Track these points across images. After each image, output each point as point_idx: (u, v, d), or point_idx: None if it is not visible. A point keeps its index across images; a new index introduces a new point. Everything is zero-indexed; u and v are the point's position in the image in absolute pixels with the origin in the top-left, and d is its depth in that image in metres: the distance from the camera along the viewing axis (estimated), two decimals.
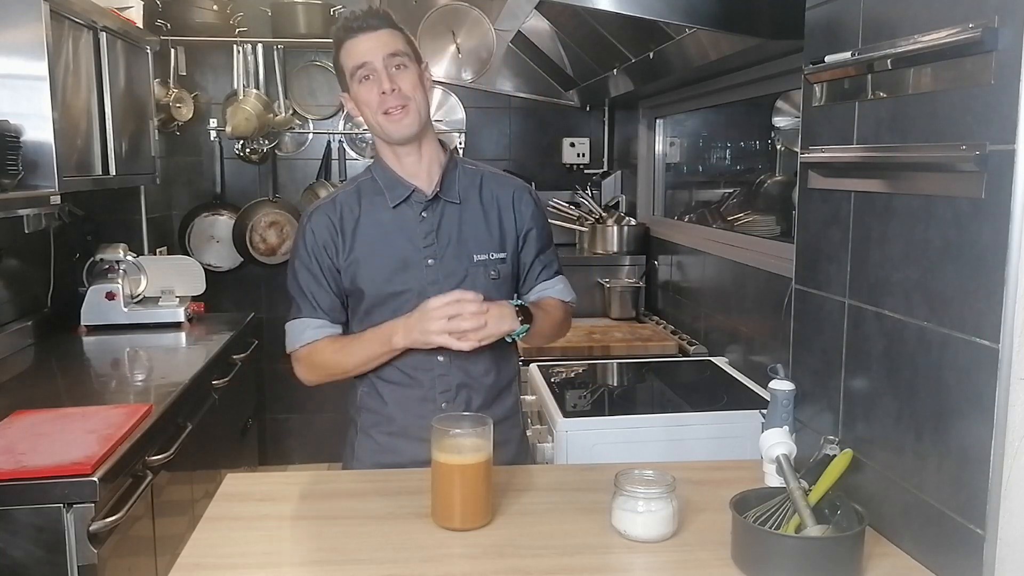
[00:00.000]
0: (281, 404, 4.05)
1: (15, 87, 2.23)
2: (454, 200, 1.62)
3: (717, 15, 1.87)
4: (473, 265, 1.61)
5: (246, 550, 1.27)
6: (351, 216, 1.62)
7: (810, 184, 1.47)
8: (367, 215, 1.62)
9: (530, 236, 1.68)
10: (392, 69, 1.53)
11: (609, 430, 2.12)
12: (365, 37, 1.53)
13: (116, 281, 2.96)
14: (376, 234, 1.61)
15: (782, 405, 1.48)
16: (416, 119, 1.55)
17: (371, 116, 1.56)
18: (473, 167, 1.70)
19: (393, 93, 1.52)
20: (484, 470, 1.32)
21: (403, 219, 1.61)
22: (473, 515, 1.32)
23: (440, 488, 1.33)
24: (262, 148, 3.82)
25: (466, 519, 1.32)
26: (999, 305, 1.02)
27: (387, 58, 1.52)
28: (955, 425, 1.10)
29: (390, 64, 1.53)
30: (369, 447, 1.67)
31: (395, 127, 1.55)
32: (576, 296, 1.78)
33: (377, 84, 1.53)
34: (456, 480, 1.31)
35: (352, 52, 1.54)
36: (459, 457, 1.30)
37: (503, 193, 1.67)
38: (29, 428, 1.85)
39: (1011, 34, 1.00)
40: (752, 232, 2.79)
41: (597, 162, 4.03)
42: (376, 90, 1.53)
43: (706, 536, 1.29)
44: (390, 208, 1.61)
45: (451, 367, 1.61)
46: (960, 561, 1.09)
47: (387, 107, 1.53)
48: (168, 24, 3.58)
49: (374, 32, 1.53)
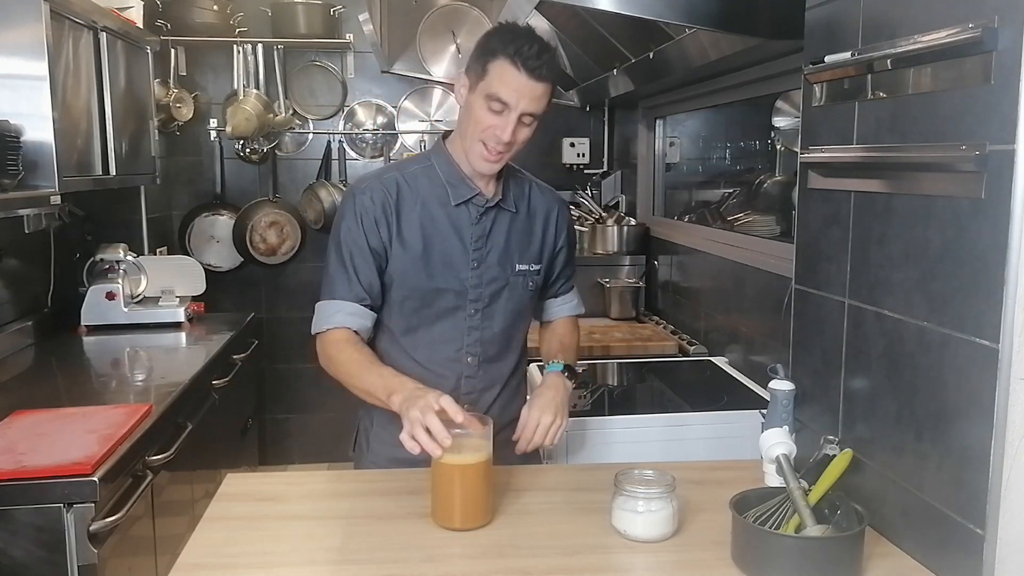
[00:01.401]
0: (281, 404, 4.05)
1: (15, 87, 2.23)
2: (510, 208, 1.63)
3: (717, 15, 1.87)
4: (515, 274, 1.63)
5: (246, 550, 1.27)
6: (408, 200, 1.58)
7: (810, 184, 1.47)
8: (425, 205, 1.58)
9: (561, 252, 1.74)
10: (524, 120, 1.48)
11: (609, 430, 2.12)
12: (526, 81, 1.44)
13: (116, 281, 2.96)
14: (430, 226, 1.58)
15: (782, 405, 1.49)
16: (504, 161, 1.54)
17: (472, 132, 1.50)
18: (521, 174, 1.70)
19: (506, 144, 1.49)
20: (484, 470, 1.32)
21: (459, 218, 1.60)
22: (473, 515, 1.32)
23: (440, 488, 1.33)
24: (262, 148, 3.82)
25: (466, 519, 1.32)
26: (999, 305, 1.02)
27: (524, 114, 1.47)
28: (955, 425, 1.10)
29: (524, 118, 1.48)
30: (387, 440, 1.61)
31: (484, 165, 1.52)
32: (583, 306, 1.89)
33: (501, 121, 1.47)
34: (456, 480, 1.31)
35: (503, 80, 1.45)
36: (459, 457, 1.30)
37: (545, 206, 1.70)
38: (29, 428, 1.85)
39: (1011, 34, 1.00)
40: (752, 232, 2.79)
41: (597, 162, 4.03)
42: (496, 122, 1.47)
43: (706, 536, 1.29)
44: (451, 205, 1.59)
45: (479, 370, 1.63)
46: (960, 561, 1.09)
47: (491, 147, 1.49)
48: (168, 24, 3.58)
49: (537, 83, 1.45)
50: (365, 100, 3.95)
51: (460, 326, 1.62)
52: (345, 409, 1.80)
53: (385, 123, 3.97)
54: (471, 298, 1.60)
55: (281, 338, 3.98)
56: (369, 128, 3.96)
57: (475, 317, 1.61)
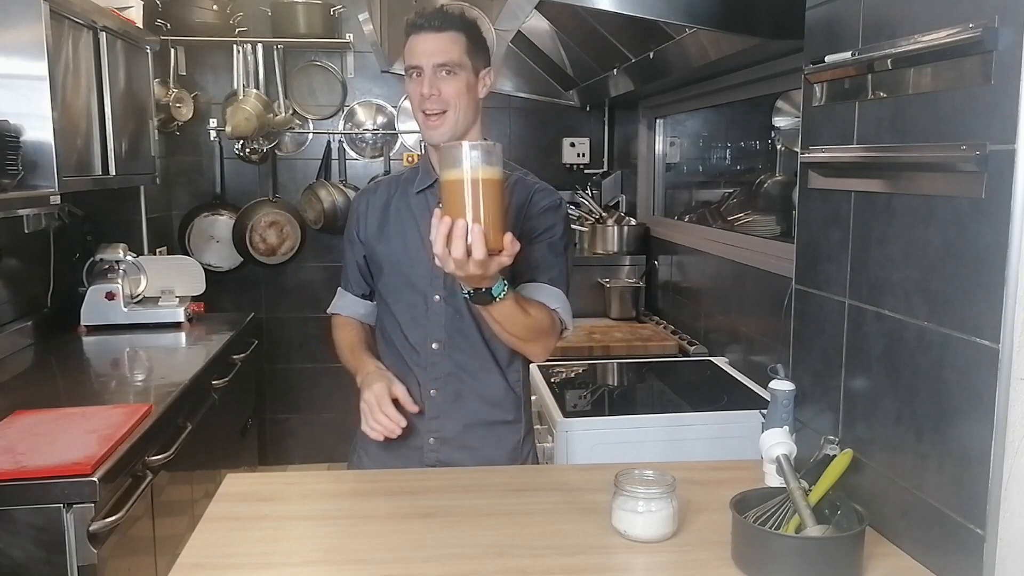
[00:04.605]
0: (281, 404, 4.05)
1: (15, 87, 2.23)
2: None
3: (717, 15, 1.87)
4: None
5: (246, 550, 1.26)
6: (385, 196, 1.71)
7: (810, 184, 1.47)
8: (398, 197, 1.70)
9: (537, 236, 1.59)
10: (441, 74, 1.54)
11: (609, 430, 2.12)
12: (424, 37, 1.55)
13: (116, 281, 2.96)
14: (396, 216, 1.67)
15: (782, 405, 1.48)
16: (451, 129, 1.56)
17: (415, 112, 1.61)
18: (511, 171, 1.67)
19: (431, 98, 1.54)
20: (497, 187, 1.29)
21: (425, 206, 1.64)
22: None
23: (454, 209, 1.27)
24: (262, 148, 3.82)
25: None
26: (999, 305, 1.01)
27: (436, 67, 1.54)
28: (955, 425, 1.10)
29: (439, 71, 1.54)
30: (379, 457, 1.69)
31: (430, 132, 1.58)
32: (572, 325, 1.62)
33: (421, 84, 1.55)
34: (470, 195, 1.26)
35: (409, 48, 1.57)
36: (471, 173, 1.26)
37: (523, 194, 1.63)
38: (29, 428, 1.85)
39: (1011, 34, 1.00)
40: (752, 232, 2.79)
41: (597, 162, 4.04)
42: (418, 90, 1.56)
43: (706, 536, 1.29)
44: (415, 193, 1.67)
45: (445, 358, 1.63)
46: (960, 561, 1.09)
47: (426, 108, 1.56)
48: (168, 24, 3.58)
49: (435, 33, 1.55)
50: (365, 100, 3.95)
51: (425, 311, 1.63)
52: (345, 409, 1.80)
53: (385, 123, 3.97)
54: (434, 284, 1.61)
55: (281, 338, 3.98)
56: (369, 128, 3.96)
57: (439, 304, 1.62)
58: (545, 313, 1.54)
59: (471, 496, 1.46)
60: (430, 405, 1.63)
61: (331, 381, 3.85)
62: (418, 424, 1.63)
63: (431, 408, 1.64)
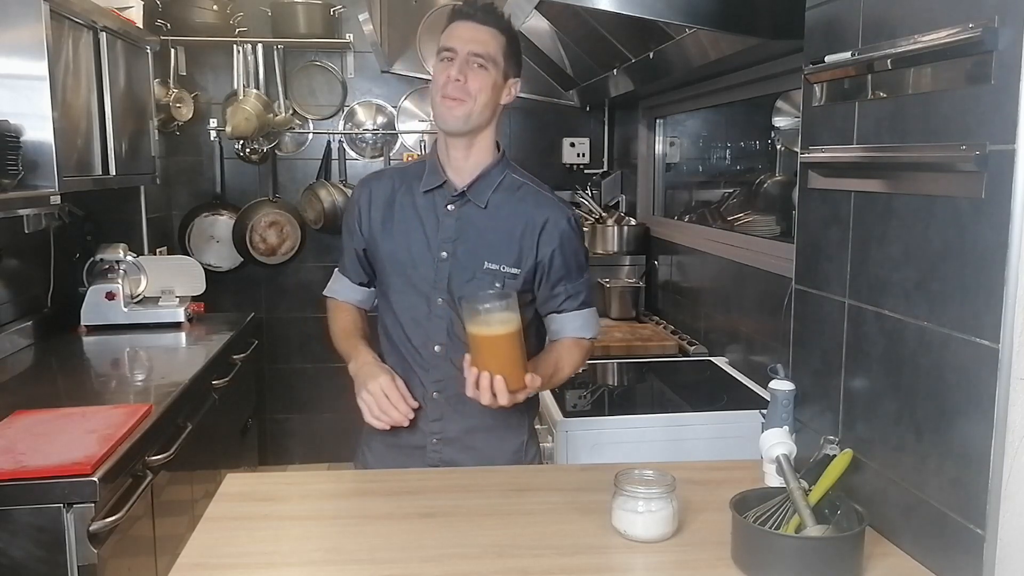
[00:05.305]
0: (281, 404, 4.05)
1: (15, 87, 2.23)
2: (479, 203, 1.61)
3: (717, 15, 1.87)
4: (482, 271, 1.60)
5: (246, 550, 1.27)
6: (394, 192, 1.67)
7: (810, 184, 1.47)
8: (403, 193, 1.67)
9: (555, 262, 1.62)
10: (473, 65, 1.55)
11: (609, 430, 2.12)
12: (468, 25, 1.57)
13: (116, 281, 2.96)
14: (401, 214, 1.65)
15: (782, 405, 1.48)
16: (466, 117, 1.56)
17: (434, 95, 1.59)
18: (521, 178, 1.67)
19: (456, 84, 1.54)
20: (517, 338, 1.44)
21: (431, 207, 1.63)
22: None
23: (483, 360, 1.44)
24: (262, 148, 3.82)
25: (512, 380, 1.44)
26: (999, 305, 1.02)
27: (471, 55, 1.55)
28: (955, 425, 1.10)
29: (472, 60, 1.55)
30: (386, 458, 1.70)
31: (446, 114, 1.57)
32: (600, 331, 1.75)
33: (450, 68, 1.55)
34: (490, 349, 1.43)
35: (449, 32, 1.58)
36: (488, 329, 1.41)
37: (537, 213, 1.62)
38: (29, 428, 1.85)
39: (1011, 34, 1.00)
40: (752, 232, 2.79)
41: (597, 162, 4.03)
42: (446, 72, 1.55)
43: (706, 536, 1.29)
44: (421, 193, 1.65)
45: (446, 361, 1.62)
46: (960, 561, 1.09)
47: (447, 92, 1.55)
48: (168, 24, 3.58)
49: (479, 24, 1.56)
50: (365, 100, 3.95)
51: (427, 314, 1.62)
52: (345, 409, 1.80)
53: (385, 123, 3.97)
54: (437, 287, 1.60)
55: (281, 338, 3.98)
56: (369, 128, 3.96)
57: (442, 307, 1.61)
58: (576, 352, 1.68)
59: (471, 496, 1.46)
60: (432, 406, 1.63)
61: (331, 381, 3.84)
62: (421, 424, 1.63)
63: (433, 409, 1.63)
